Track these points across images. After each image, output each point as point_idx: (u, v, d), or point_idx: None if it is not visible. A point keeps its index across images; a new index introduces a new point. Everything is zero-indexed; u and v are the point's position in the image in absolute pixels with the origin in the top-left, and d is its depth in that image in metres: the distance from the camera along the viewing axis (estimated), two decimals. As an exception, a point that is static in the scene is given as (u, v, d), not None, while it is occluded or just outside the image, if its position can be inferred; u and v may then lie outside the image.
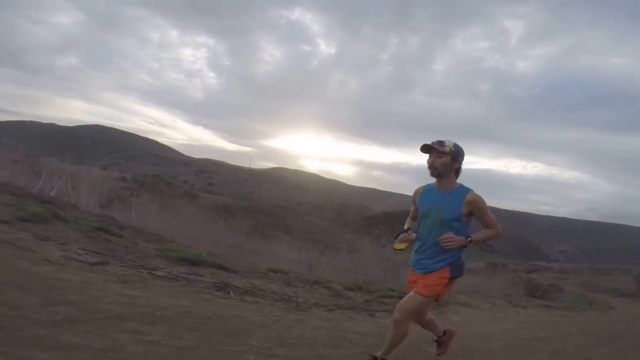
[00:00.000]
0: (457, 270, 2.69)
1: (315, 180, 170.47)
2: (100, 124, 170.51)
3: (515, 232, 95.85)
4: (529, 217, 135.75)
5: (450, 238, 2.62)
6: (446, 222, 2.65)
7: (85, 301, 3.39)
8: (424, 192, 2.84)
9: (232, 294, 4.88)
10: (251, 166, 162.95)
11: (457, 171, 2.73)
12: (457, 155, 2.69)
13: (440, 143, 2.67)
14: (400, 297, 6.70)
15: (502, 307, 8.12)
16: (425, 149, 2.69)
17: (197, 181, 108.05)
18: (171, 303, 3.91)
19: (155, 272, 4.95)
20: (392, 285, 7.92)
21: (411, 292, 2.71)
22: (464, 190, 2.69)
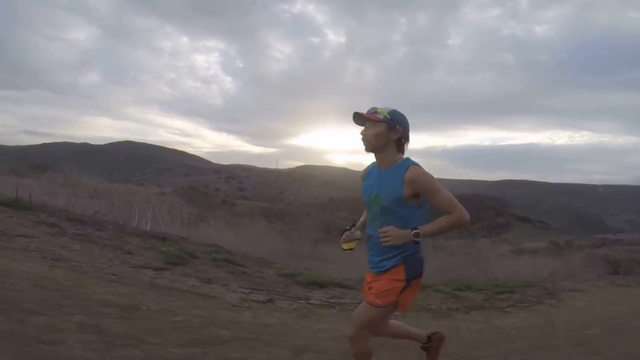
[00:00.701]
0: (414, 270, 2.12)
1: (345, 174, 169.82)
2: (129, 139, 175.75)
3: (570, 206, 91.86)
4: (582, 189, 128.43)
5: (386, 232, 2.02)
6: (388, 209, 2.11)
7: (316, 345, 3.34)
8: (367, 175, 2.29)
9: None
10: (278, 167, 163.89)
11: (400, 144, 2.17)
12: (394, 122, 2.13)
13: (373, 110, 2.16)
14: (509, 292, 6.44)
15: (608, 288, 7.68)
16: (357, 119, 2.18)
17: (228, 188, 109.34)
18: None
19: (311, 302, 4.99)
20: (493, 280, 8.04)
21: (364, 302, 2.18)
22: (405, 164, 2.09)
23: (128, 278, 4.71)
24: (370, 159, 2.24)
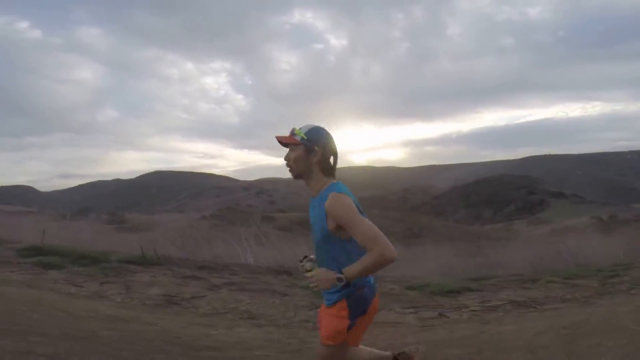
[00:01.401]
0: (356, 309, 1.88)
1: (368, 173, 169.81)
2: (157, 169, 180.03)
3: (600, 176, 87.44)
4: (609, 157, 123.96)
5: (313, 277, 1.87)
6: (320, 245, 1.91)
7: (530, 344, 3.54)
8: (310, 203, 2.03)
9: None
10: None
11: (324, 166, 1.93)
12: (311, 143, 1.90)
13: (292, 132, 1.95)
14: (614, 275, 6.43)
15: None
16: (281, 142, 1.98)
17: (260, 203, 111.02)
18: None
19: (472, 309, 5.24)
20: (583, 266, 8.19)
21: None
22: (327, 191, 1.85)
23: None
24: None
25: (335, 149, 1.98)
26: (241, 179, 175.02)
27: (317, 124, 1.98)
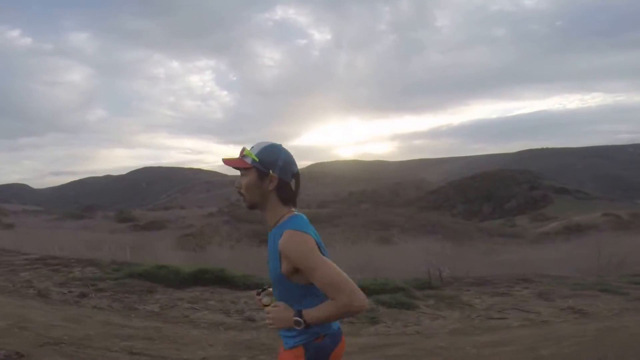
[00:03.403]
0: (314, 357, 1.55)
1: (356, 166, 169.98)
2: (146, 165, 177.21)
3: (602, 170, 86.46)
4: (610, 150, 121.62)
5: (269, 313, 1.57)
6: (276, 284, 1.58)
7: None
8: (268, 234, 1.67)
9: None
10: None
11: (283, 193, 1.56)
12: (265, 167, 1.54)
13: (242, 153, 1.58)
14: None
15: None
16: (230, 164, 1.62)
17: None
18: None
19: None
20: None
21: None
22: (284, 227, 1.51)
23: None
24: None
25: (296, 170, 1.61)
26: (229, 173, 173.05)
27: (272, 141, 1.60)
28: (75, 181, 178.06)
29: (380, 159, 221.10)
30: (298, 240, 1.45)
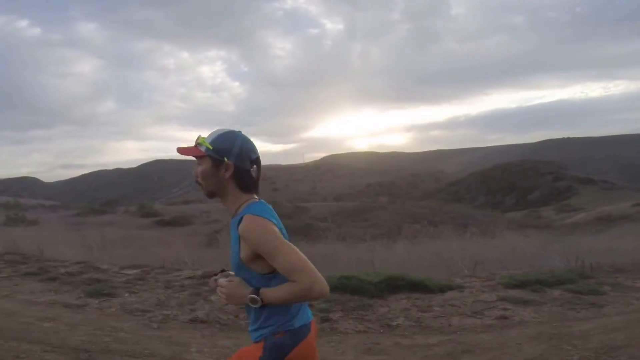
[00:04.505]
0: (271, 354, 1.47)
1: (370, 158, 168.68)
2: (157, 158, 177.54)
3: (626, 160, 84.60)
4: (632, 139, 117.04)
5: (222, 286, 1.51)
6: (237, 272, 1.54)
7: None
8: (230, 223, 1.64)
9: None
10: (305, 161, 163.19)
11: (240, 180, 1.53)
12: (220, 154, 1.50)
13: (196, 142, 1.55)
14: None
15: None
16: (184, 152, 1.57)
17: (263, 191, 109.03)
18: None
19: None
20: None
21: None
22: (243, 213, 1.47)
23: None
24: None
25: (256, 157, 1.57)
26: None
27: (230, 128, 1.57)
28: (86, 174, 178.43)
29: (396, 150, 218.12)
30: (257, 224, 1.43)
